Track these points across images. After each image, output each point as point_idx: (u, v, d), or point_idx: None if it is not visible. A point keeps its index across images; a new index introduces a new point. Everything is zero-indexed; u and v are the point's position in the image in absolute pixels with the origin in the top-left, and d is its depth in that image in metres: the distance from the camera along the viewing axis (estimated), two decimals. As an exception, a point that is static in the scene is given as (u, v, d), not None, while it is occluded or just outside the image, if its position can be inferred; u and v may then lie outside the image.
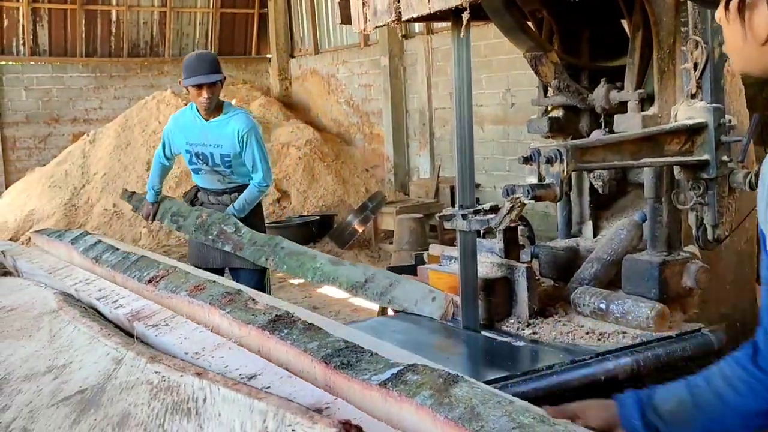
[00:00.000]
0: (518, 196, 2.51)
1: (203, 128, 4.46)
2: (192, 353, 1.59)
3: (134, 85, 13.50)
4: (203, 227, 4.37)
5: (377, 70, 11.66)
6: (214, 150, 4.47)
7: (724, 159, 2.72)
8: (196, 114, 4.49)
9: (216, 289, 2.06)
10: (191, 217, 4.53)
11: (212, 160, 4.48)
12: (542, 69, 3.03)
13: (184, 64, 4.40)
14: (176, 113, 4.81)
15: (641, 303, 2.76)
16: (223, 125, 4.42)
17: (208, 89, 4.31)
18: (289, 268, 3.69)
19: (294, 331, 1.67)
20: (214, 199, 4.62)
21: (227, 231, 4.24)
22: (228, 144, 4.42)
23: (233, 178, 4.57)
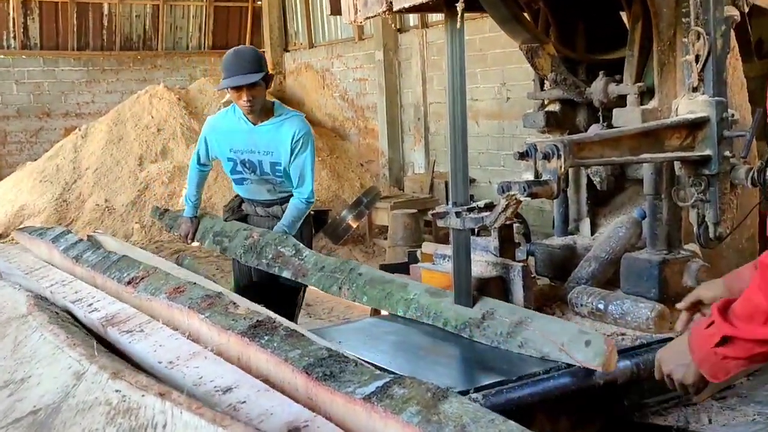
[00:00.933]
0: (514, 194, 2.42)
1: (251, 133, 3.92)
2: (166, 362, 1.50)
3: (127, 79, 13.36)
4: (255, 249, 3.71)
5: (372, 64, 11.55)
6: (263, 158, 3.94)
7: (727, 154, 2.63)
8: (241, 117, 3.94)
9: (196, 291, 1.96)
10: (238, 237, 3.88)
11: (261, 168, 3.96)
12: (539, 61, 2.94)
13: (222, 64, 3.89)
14: (215, 116, 4.26)
15: (641, 303, 2.67)
16: (275, 130, 3.89)
17: (248, 91, 3.76)
18: (372, 299, 3.01)
19: (275, 338, 1.58)
20: (262, 211, 4.13)
21: (285, 253, 3.53)
22: (281, 151, 3.89)
23: (285, 187, 4.05)
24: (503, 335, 2.47)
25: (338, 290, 3.11)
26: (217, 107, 12.34)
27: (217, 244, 4.02)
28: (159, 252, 9.60)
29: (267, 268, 3.58)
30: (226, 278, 8.16)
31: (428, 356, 2.55)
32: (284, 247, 3.55)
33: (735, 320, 1.67)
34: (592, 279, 2.95)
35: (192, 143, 11.43)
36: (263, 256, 3.61)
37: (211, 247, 4.13)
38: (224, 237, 3.97)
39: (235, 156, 3.98)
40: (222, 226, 4.05)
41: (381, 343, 2.74)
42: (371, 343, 2.71)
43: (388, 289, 2.93)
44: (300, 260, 3.41)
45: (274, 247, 3.58)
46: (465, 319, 2.61)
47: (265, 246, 3.63)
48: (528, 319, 2.46)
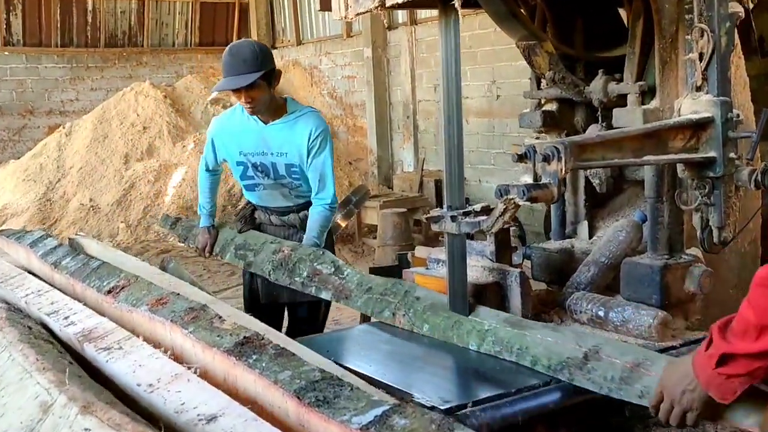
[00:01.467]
0: (512, 197, 2.32)
1: (263, 133, 3.54)
2: (145, 385, 1.39)
3: (112, 77, 13.18)
4: (286, 266, 3.26)
5: (360, 61, 11.44)
6: (277, 159, 3.55)
7: (732, 156, 2.54)
8: (250, 117, 3.56)
9: (179, 303, 1.85)
10: (265, 250, 3.44)
11: (275, 172, 3.58)
12: (536, 59, 2.83)
13: (222, 62, 3.52)
14: (222, 115, 3.87)
15: (642, 310, 2.58)
16: (288, 128, 3.52)
17: (246, 93, 3.40)
18: (435, 328, 2.61)
19: (264, 357, 1.47)
20: (277, 220, 3.72)
21: (323, 271, 3.09)
22: (295, 151, 3.51)
23: (302, 191, 3.65)
24: (615, 381, 2.07)
25: (391, 316, 2.75)
26: (204, 105, 12.23)
27: (240, 259, 3.59)
28: (145, 252, 9.47)
29: (302, 288, 3.17)
30: (212, 278, 8.04)
31: (423, 367, 2.45)
32: (321, 263, 3.13)
33: (731, 337, 1.66)
34: (592, 284, 2.86)
35: (179, 141, 11.29)
36: (297, 273, 3.18)
37: (233, 261, 3.69)
38: (248, 250, 3.55)
39: (245, 159, 3.61)
40: (245, 238, 3.63)
41: (373, 353, 2.63)
42: (363, 353, 2.61)
43: (454, 317, 2.58)
44: (341, 279, 3.01)
45: (310, 263, 3.16)
46: (562, 358, 2.20)
47: (299, 262, 3.20)
48: (646, 361, 2.06)
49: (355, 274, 3.00)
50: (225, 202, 10.68)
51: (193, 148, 11.06)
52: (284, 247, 3.36)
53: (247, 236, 3.64)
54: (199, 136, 11.28)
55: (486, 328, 2.47)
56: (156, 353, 1.52)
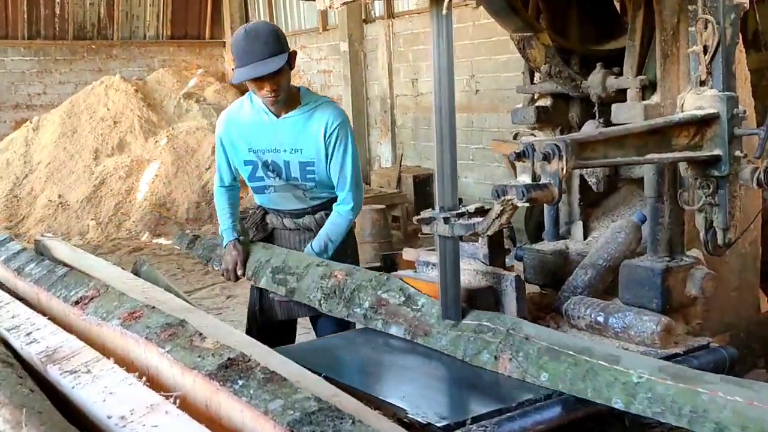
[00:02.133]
0: (510, 198, 2.17)
1: (274, 128, 3.14)
2: (117, 417, 1.23)
3: (81, 70, 12.87)
4: (341, 294, 2.74)
5: (337, 55, 11.27)
6: (291, 157, 3.15)
7: (737, 154, 2.42)
8: (261, 109, 3.15)
9: (154, 318, 1.69)
10: (311, 274, 2.90)
11: (288, 171, 3.17)
12: (531, 52, 2.69)
13: (232, 50, 3.07)
14: (229, 110, 3.33)
15: (644, 316, 2.45)
16: (303, 122, 3.11)
17: (270, 82, 2.98)
18: (557, 377, 2.10)
19: (251, 383, 1.31)
20: (291, 223, 3.29)
21: (390, 301, 2.59)
22: (311, 146, 3.11)
23: (317, 193, 3.23)
24: None
25: (493, 360, 2.23)
26: (177, 99, 11.98)
27: (279, 284, 3.03)
28: (116, 250, 9.24)
29: (365, 321, 2.63)
30: (187, 278, 7.84)
31: (417, 380, 2.30)
32: (387, 291, 2.62)
33: None
34: (589, 288, 2.73)
35: (151, 136, 11.05)
36: (356, 303, 2.66)
37: (271, 287, 3.09)
38: (288, 274, 3.01)
39: (255, 157, 3.20)
40: (283, 259, 3.09)
41: (363, 364, 2.49)
42: (353, 365, 2.45)
43: (586, 364, 2.02)
44: (414, 311, 2.51)
45: (372, 291, 2.65)
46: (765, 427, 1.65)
47: (358, 290, 2.68)
48: None
49: (434, 304, 2.48)
50: (199, 198, 10.49)
51: (166, 143, 10.83)
52: (336, 271, 2.83)
53: (286, 257, 3.10)
54: (172, 131, 11.06)
55: (635, 381, 1.89)
56: (129, 378, 1.36)
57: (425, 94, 9.90)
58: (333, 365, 2.43)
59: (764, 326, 3.01)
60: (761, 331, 2.99)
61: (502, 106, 8.66)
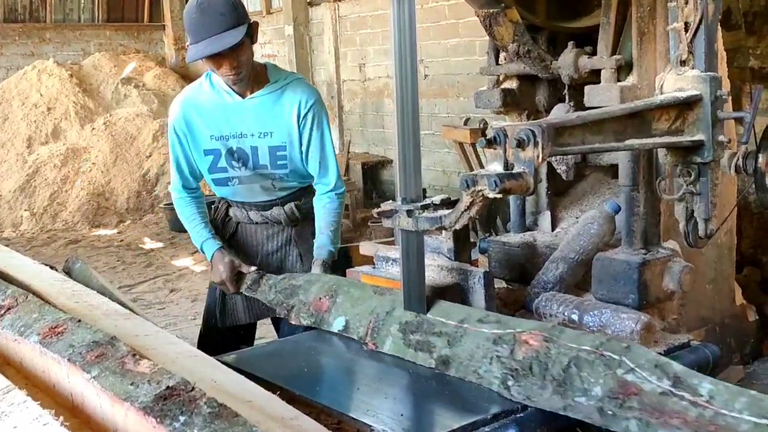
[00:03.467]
0: (481, 189, 1.97)
1: (240, 110, 2.82)
2: (27, 470, 1.00)
3: (12, 54, 12.28)
4: (543, 372, 1.81)
5: (281, 39, 10.98)
6: (259, 142, 2.82)
7: (721, 139, 2.26)
8: (223, 89, 2.82)
9: (80, 333, 1.44)
10: (471, 336, 2.02)
11: (255, 158, 2.85)
12: (498, 30, 2.48)
13: (185, 24, 2.71)
14: (184, 94, 2.94)
15: (623, 314, 2.28)
16: (272, 101, 2.81)
17: (230, 59, 2.66)
18: None
19: (195, 420, 1.08)
20: (258, 216, 2.96)
21: (645, 388, 1.61)
22: (282, 129, 2.80)
23: (287, 182, 2.91)
24: None
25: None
26: (115, 84, 11.53)
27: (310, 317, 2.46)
28: (52, 242, 8.85)
29: (601, 419, 1.69)
30: (128, 270, 7.51)
31: (380, 389, 2.08)
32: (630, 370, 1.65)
33: None
34: (560, 283, 2.56)
35: (87, 123, 10.61)
36: (577, 388, 1.72)
37: (302, 321, 2.48)
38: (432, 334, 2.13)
39: (218, 145, 2.85)
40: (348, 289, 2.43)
41: (319, 373, 2.26)
42: (311, 374, 2.23)
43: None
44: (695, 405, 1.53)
45: (605, 369, 1.69)
46: None
47: (577, 366, 1.73)
48: None
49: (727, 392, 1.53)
50: (140, 187, 10.11)
51: (104, 130, 10.42)
52: (525, 335, 1.89)
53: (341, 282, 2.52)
54: (110, 118, 10.64)
55: None
56: (43, 416, 1.11)
57: (373, 79, 9.68)
58: (289, 375, 2.21)
59: (739, 319, 2.88)
60: (736, 324, 2.86)
61: (452, 92, 8.48)
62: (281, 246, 2.99)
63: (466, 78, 8.16)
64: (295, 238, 2.97)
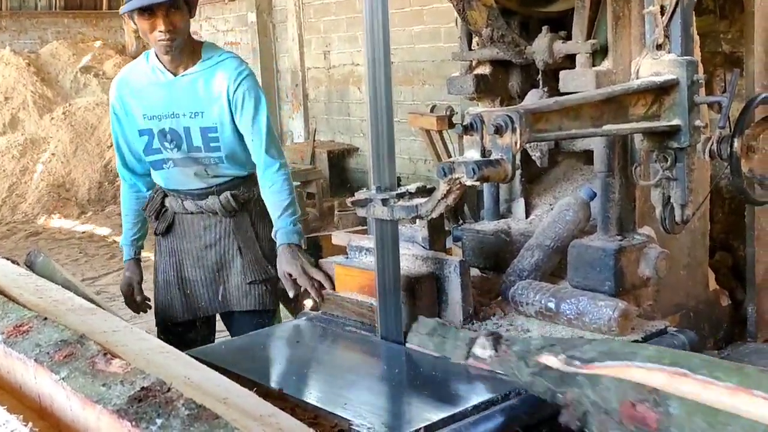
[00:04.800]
0: (458, 177, 1.93)
1: (171, 88, 2.75)
2: (-6, 481, 0.94)
3: (-33, 43, 12.03)
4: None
5: (244, 26, 10.86)
6: (191, 122, 2.74)
7: (697, 124, 2.24)
8: (157, 67, 2.76)
9: (47, 332, 1.38)
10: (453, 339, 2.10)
11: (187, 140, 2.76)
12: (471, 14, 2.43)
13: None
14: (121, 71, 2.94)
15: (600, 301, 2.26)
16: (204, 79, 2.73)
17: (165, 17, 2.59)
18: None
19: (173, 422, 1.03)
20: (193, 206, 2.86)
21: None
22: (214, 108, 2.73)
23: (222, 169, 2.83)
24: None
25: None
26: (73, 73, 11.30)
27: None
28: (12, 235, 8.68)
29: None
30: (90, 263, 7.38)
31: (356, 381, 2.04)
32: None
33: None
34: (536, 271, 2.53)
35: (46, 113, 10.41)
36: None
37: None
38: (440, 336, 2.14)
39: (151, 124, 2.77)
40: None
41: (298, 366, 2.21)
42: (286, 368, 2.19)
43: None
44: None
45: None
46: None
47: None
48: None
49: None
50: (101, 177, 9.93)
51: (63, 120, 10.22)
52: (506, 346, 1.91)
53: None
54: (69, 108, 10.44)
55: None
56: (11, 421, 1.05)
57: (338, 67, 9.60)
58: (262, 369, 2.16)
59: (713, 305, 2.88)
60: (710, 310, 2.86)
61: (417, 79, 8.44)
62: (219, 238, 2.90)
63: (431, 65, 8.12)
64: (234, 229, 2.89)
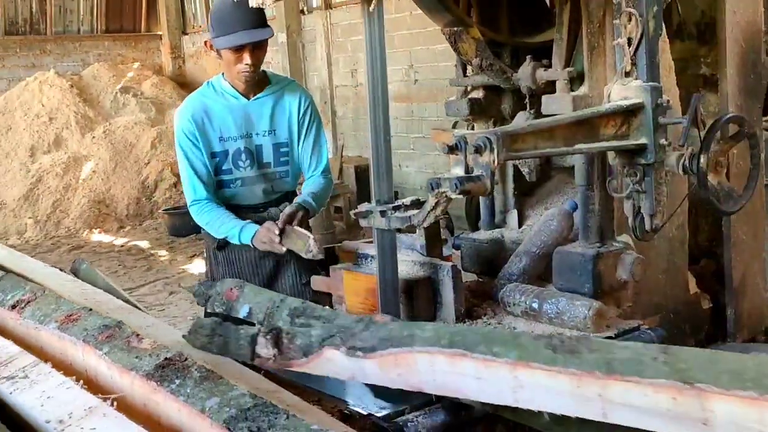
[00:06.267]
0: (444, 191, 2.23)
1: (246, 111, 3.04)
2: (55, 421, 1.24)
3: (13, 66, 12.57)
4: None
5: (275, 47, 11.19)
6: (264, 140, 3.06)
7: (663, 142, 2.50)
8: (227, 92, 3.04)
9: (92, 320, 1.69)
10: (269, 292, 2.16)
11: (260, 156, 3.07)
12: (462, 46, 2.75)
13: (215, 16, 2.93)
14: (191, 102, 3.09)
15: (577, 301, 2.53)
16: (275, 101, 3.07)
17: (252, 52, 2.91)
18: None
19: (188, 382, 1.34)
20: (254, 218, 3.07)
21: None
22: (285, 126, 3.08)
23: (284, 183, 3.17)
24: None
25: None
26: (113, 93, 11.79)
27: None
28: (56, 249, 9.10)
29: None
30: (129, 274, 7.76)
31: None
32: None
33: None
34: (524, 275, 2.80)
35: (88, 132, 10.86)
36: None
37: None
38: None
39: (226, 146, 3.04)
40: None
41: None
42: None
43: None
44: None
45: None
46: None
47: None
48: None
49: None
50: (139, 193, 10.35)
51: (104, 138, 10.67)
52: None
53: None
54: (109, 126, 10.89)
55: None
56: (67, 382, 1.37)
57: (365, 85, 9.91)
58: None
59: (693, 306, 3.12)
60: (690, 311, 3.10)
61: (441, 96, 8.72)
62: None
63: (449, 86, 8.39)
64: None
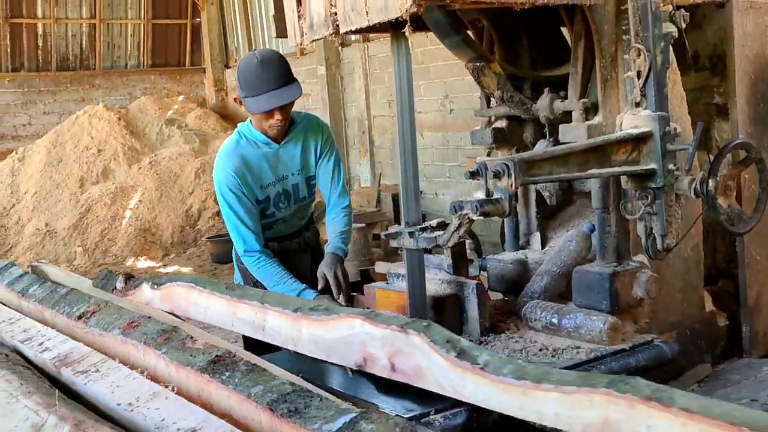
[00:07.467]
0: (466, 213, 2.44)
1: (279, 155, 3.18)
2: (125, 404, 1.47)
3: (64, 100, 13.11)
4: None
5: (314, 79, 11.54)
6: (298, 178, 3.22)
7: (671, 167, 2.69)
8: (259, 141, 3.14)
9: (151, 326, 1.92)
10: None
11: (297, 194, 3.25)
12: (485, 80, 2.97)
13: (243, 76, 3.01)
14: (227, 156, 3.15)
15: (593, 316, 2.71)
16: (301, 140, 3.22)
17: (284, 110, 3.03)
18: None
19: (236, 374, 1.55)
20: (289, 245, 3.34)
21: None
22: (312, 161, 3.25)
23: (310, 204, 3.44)
24: None
25: None
26: (159, 126, 12.21)
27: None
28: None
29: None
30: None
31: (386, 378, 2.53)
32: None
33: None
34: (545, 293, 2.98)
35: (134, 163, 11.25)
36: None
37: None
38: None
39: (267, 192, 3.17)
40: None
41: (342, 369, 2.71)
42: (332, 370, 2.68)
43: None
44: None
45: None
46: None
47: None
48: None
49: None
50: (183, 222, 10.68)
51: (150, 169, 11.04)
52: None
53: None
54: (155, 157, 11.28)
55: None
56: (132, 374, 1.60)
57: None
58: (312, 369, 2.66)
59: (709, 324, 3.26)
60: (706, 328, 3.24)
61: (476, 125, 8.88)
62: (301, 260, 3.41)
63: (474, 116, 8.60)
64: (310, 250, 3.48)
